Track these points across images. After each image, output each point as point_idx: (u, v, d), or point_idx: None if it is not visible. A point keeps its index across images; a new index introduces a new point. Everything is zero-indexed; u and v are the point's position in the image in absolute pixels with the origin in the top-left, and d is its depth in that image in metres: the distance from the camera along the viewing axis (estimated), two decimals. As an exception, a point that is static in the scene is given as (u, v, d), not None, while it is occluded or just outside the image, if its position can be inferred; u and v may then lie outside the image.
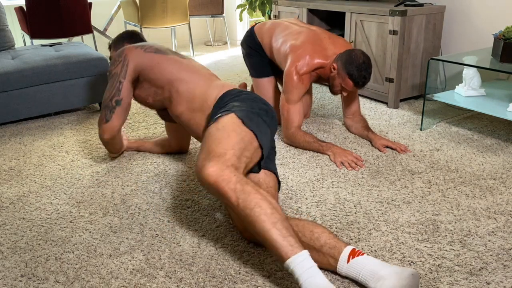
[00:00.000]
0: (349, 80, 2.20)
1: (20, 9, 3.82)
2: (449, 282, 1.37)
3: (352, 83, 2.21)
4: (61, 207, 1.88)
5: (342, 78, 2.22)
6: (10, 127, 2.86)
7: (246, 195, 1.30)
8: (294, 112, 2.37)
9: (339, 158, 2.20)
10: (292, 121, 2.38)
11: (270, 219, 1.27)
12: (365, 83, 2.22)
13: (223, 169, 1.34)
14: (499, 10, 2.82)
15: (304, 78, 2.33)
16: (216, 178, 1.32)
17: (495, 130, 2.55)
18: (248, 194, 1.30)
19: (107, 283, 1.42)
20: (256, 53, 2.67)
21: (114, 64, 1.95)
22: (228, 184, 1.32)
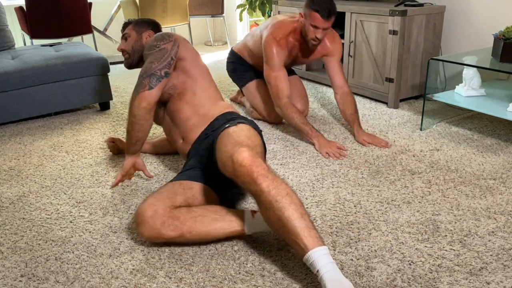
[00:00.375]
0: (314, 14, 2.32)
1: (20, 9, 3.82)
2: (449, 282, 1.37)
3: (318, 16, 2.31)
4: (61, 207, 1.88)
5: (309, 17, 2.34)
6: (10, 127, 2.86)
7: (278, 183, 1.36)
8: (281, 79, 2.45)
9: (324, 149, 2.32)
10: (281, 88, 2.45)
11: (299, 209, 1.33)
12: (331, 14, 2.32)
13: (256, 157, 1.43)
14: (499, 10, 2.82)
15: (282, 42, 2.45)
16: (251, 162, 1.40)
17: (495, 130, 2.55)
18: (280, 183, 1.37)
19: (107, 283, 1.42)
20: (239, 64, 2.84)
21: (163, 41, 1.82)
22: (261, 170, 1.38)
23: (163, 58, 1.79)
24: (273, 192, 1.34)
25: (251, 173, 1.38)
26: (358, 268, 1.45)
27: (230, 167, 1.45)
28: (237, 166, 1.41)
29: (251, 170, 1.38)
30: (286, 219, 1.30)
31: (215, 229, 1.49)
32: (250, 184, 1.39)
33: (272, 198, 1.33)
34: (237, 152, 1.44)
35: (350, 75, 3.25)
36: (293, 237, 1.29)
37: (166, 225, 1.48)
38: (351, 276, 1.41)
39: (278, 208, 1.32)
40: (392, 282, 1.38)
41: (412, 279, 1.39)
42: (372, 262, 1.47)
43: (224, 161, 1.49)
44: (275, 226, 1.35)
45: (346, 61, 3.25)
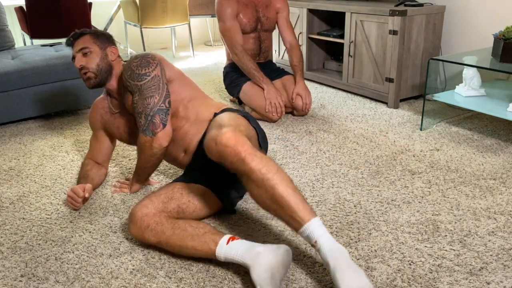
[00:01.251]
0: None
1: (20, 9, 3.82)
2: (449, 282, 1.37)
3: None
4: (61, 207, 1.88)
5: None
6: (10, 127, 2.86)
7: (267, 161, 1.37)
8: (234, 30, 2.74)
9: (271, 96, 2.66)
10: (235, 38, 2.75)
11: (290, 185, 1.34)
12: None
13: (240, 136, 1.41)
14: (499, 10, 2.82)
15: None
16: (235, 141, 1.38)
17: (495, 130, 2.55)
18: (269, 160, 1.38)
19: (107, 283, 1.42)
20: (231, 71, 2.94)
21: (149, 66, 1.70)
22: (248, 149, 1.37)
23: (160, 88, 1.70)
24: (263, 170, 1.34)
25: (238, 153, 1.36)
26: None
27: (215, 150, 1.41)
28: (222, 147, 1.38)
29: (237, 150, 1.36)
30: (280, 195, 1.31)
31: (187, 247, 1.45)
32: (238, 164, 1.36)
33: (264, 176, 1.33)
34: (220, 133, 1.41)
35: (350, 75, 3.25)
36: (288, 212, 1.31)
37: (149, 229, 1.50)
38: (351, 276, 1.41)
39: (270, 185, 1.32)
40: (392, 282, 1.38)
41: (412, 279, 1.39)
42: (372, 262, 1.47)
43: (209, 145, 1.45)
44: (267, 203, 1.35)
45: (346, 61, 3.25)
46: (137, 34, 5.03)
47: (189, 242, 1.45)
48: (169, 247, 1.49)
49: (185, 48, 5.38)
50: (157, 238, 1.50)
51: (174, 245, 1.48)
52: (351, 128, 2.64)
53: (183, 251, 1.47)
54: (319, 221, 1.31)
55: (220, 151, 1.40)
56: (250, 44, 2.89)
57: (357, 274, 1.21)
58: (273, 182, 1.32)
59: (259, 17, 2.86)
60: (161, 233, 1.49)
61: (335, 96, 3.27)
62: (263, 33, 2.92)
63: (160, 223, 1.50)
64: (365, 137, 2.51)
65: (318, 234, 1.28)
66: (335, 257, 1.25)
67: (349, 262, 1.24)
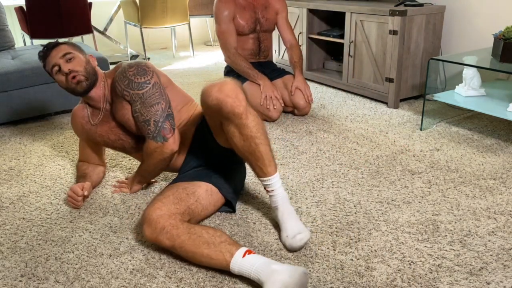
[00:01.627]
0: None
1: (20, 9, 3.82)
2: (449, 282, 1.37)
3: None
4: (61, 207, 1.88)
5: None
6: (10, 127, 2.86)
7: (258, 121, 1.54)
8: (229, 32, 2.79)
9: (267, 91, 2.72)
10: (229, 41, 2.80)
11: (268, 143, 1.57)
12: None
13: (241, 91, 1.52)
14: (499, 10, 2.82)
15: (226, 0, 2.77)
16: (236, 94, 1.49)
17: (495, 130, 2.55)
18: (260, 121, 1.55)
19: (107, 283, 1.42)
20: (231, 68, 2.95)
21: (147, 74, 1.71)
22: (245, 105, 1.50)
23: (163, 94, 1.73)
24: (254, 129, 1.51)
25: (237, 106, 1.47)
26: (358, 268, 1.45)
27: (215, 97, 1.47)
28: (223, 96, 1.46)
29: (237, 103, 1.47)
30: (259, 151, 1.52)
31: (202, 255, 1.42)
32: (233, 116, 1.48)
33: (254, 134, 1.51)
34: (224, 83, 1.49)
35: (350, 75, 3.25)
36: (259, 164, 1.54)
37: (165, 232, 1.46)
38: (351, 276, 1.41)
39: (255, 143, 1.51)
40: (392, 282, 1.38)
41: (412, 279, 1.39)
42: (372, 262, 1.47)
43: (209, 91, 1.49)
44: (245, 152, 1.53)
45: (346, 61, 3.25)
46: (137, 34, 5.03)
47: (205, 250, 1.41)
48: (182, 251, 1.45)
49: (185, 48, 5.38)
50: (171, 241, 1.46)
51: (188, 251, 1.44)
52: (351, 128, 2.64)
53: (196, 258, 1.44)
54: (279, 176, 1.60)
55: (220, 98, 1.47)
56: (249, 44, 2.90)
57: (298, 220, 1.59)
58: (258, 141, 1.52)
59: (258, 19, 2.87)
60: (176, 237, 1.45)
61: (335, 96, 3.27)
62: (263, 34, 2.92)
63: (176, 226, 1.47)
64: (365, 137, 2.51)
65: (277, 187, 1.59)
66: (283, 204, 1.60)
67: (293, 210, 1.61)
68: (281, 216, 1.59)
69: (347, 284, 1.37)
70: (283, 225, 1.57)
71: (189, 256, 1.45)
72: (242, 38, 2.87)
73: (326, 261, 1.48)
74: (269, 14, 2.90)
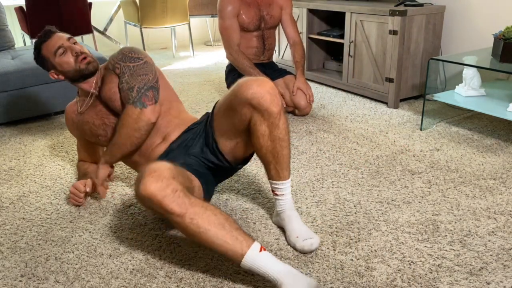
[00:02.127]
0: None
1: (20, 9, 3.82)
2: (449, 282, 1.37)
3: None
4: (61, 207, 1.88)
5: None
6: (10, 127, 2.86)
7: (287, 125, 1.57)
8: (232, 29, 2.78)
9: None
10: (232, 37, 2.79)
11: (290, 148, 1.62)
12: None
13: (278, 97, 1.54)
14: (499, 10, 2.82)
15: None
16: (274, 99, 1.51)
17: (495, 130, 2.55)
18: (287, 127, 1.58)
19: (107, 283, 1.42)
20: (232, 68, 2.94)
21: (141, 53, 1.75)
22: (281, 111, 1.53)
23: (153, 71, 1.74)
24: (284, 131, 1.54)
25: (276, 104, 1.48)
26: (358, 268, 1.45)
27: (256, 92, 1.46)
28: (264, 91, 1.46)
29: (276, 102, 1.48)
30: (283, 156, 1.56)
31: (217, 235, 1.26)
32: (270, 115, 1.48)
33: (282, 136, 1.54)
34: (264, 80, 1.50)
35: (350, 75, 3.25)
36: (278, 167, 1.58)
37: (177, 195, 1.26)
38: (351, 276, 1.41)
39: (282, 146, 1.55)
40: (392, 282, 1.38)
41: (412, 279, 1.39)
42: (372, 262, 1.47)
43: (250, 92, 1.47)
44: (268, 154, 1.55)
45: (346, 61, 3.25)
46: (137, 34, 5.03)
47: (221, 231, 1.26)
48: (192, 226, 1.26)
49: (185, 48, 5.38)
50: (181, 209, 1.25)
51: (201, 226, 1.26)
52: (351, 128, 2.64)
53: (208, 238, 1.27)
54: (290, 182, 1.63)
55: (261, 92, 1.46)
56: (253, 42, 2.89)
57: (305, 226, 1.61)
58: (284, 144, 1.54)
59: (263, 16, 2.85)
60: (190, 205, 1.26)
61: (335, 96, 3.27)
62: (267, 31, 2.91)
63: (188, 196, 1.28)
64: (365, 137, 2.51)
65: (287, 191, 1.61)
66: (291, 209, 1.63)
67: (299, 216, 1.63)
68: (288, 219, 1.61)
69: (347, 284, 1.37)
70: (291, 226, 1.59)
71: (200, 232, 1.27)
72: (246, 36, 2.85)
73: (326, 261, 1.48)
74: (273, 11, 2.88)
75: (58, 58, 1.74)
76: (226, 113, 1.59)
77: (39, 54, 1.78)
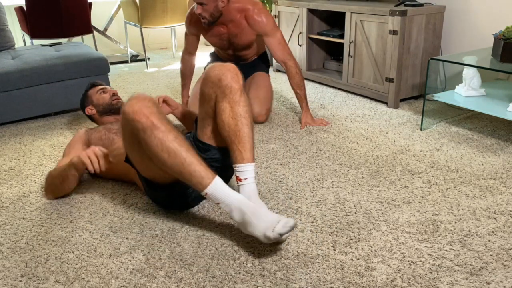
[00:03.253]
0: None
1: (20, 9, 3.82)
2: (449, 282, 1.37)
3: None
4: (61, 207, 1.88)
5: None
6: (10, 127, 2.86)
7: (248, 103, 1.68)
8: (187, 41, 2.84)
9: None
10: (186, 46, 2.87)
11: (253, 129, 1.66)
12: None
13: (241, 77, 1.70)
14: (499, 10, 2.82)
15: (192, 19, 2.72)
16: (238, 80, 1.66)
17: (495, 130, 2.55)
18: (250, 104, 1.69)
19: (107, 283, 1.42)
20: (211, 56, 3.05)
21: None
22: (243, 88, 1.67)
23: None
24: (245, 108, 1.63)
25: (236, 82, 1.62)
26: (358, 268, 1.45)
27: (217, 70, 1.63)
28: (225, 70, 1.62)
29: (236, 79, 1.62)
30: (244, 133, 1.60)
31: (185, 157, 1.46)
32: (230, 92, 1.60)
33: (243, 114, 1.61)
34: (227, 63, 1.65)
35: (350, 75, 3.25)
36: (240, 147, 1.60)
37: (154, 114, 1.47)
38: (351, 276, 1.41)
39: (243, 123, 1.60)
40: (392, 282, 1.38)
41: (412, 279, 1.39)
42: (372, 262, 1.47)
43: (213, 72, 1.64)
44: (230, 132, 1.59)
45: (346, 61, 3.25)
46: (137, 34, 5.03)
47: (189, 155, 1.47)
48: (163, 148, 1.46)
49: (185, 48, 5.38)
50: (160, 122, 1.46)
51: (170, 147, 1.46)
52: (351, 128, 2.64)
53: (176, 157, 1.46)
54: (254, 168, 1.63)
55: (222, 71, 1.61)
56: (227, 55, 2.87)
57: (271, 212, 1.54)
58: (245, 121, 1.60)
59: (232, 43, 2.71)
60: (161, 125, 1.46)
61: (335, 96, 3.27)
62: (239, 52, 2.80)
63: (165, 122, 1.49)
64: (365, 137, 2.51)
65: (250, 176, 1.58)
66: (255, 196, 1.57)
67: (264, 204, 1.57)
68: (253, 209, 1.46)
69: (347, 284, 1.37)
70: (259, 217, 1.44)
71: (169, 157, 1.46)
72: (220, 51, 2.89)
73: (326, 261, 1.48)
74: (242, 39, 2.67)
75: (98, 95, 2.26)
76: (200, 102, 1.73)
77: (86, 93, 2.31)
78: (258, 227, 1.42)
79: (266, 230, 1.40)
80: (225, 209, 1.49)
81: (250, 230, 1.45)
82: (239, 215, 1.46)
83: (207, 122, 1.72)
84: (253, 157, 1.60)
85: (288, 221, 1.42)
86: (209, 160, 1.72)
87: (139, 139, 1.49)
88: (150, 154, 1.49)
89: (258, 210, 1.45)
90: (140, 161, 1.62)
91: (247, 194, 1.57)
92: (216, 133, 1.72)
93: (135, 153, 1.61)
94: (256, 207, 1.46)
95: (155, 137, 1.46)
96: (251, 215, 1.43)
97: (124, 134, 1.58)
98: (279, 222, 1.41)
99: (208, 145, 1.75)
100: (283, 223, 1.41)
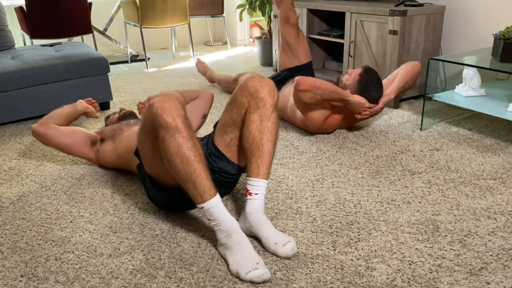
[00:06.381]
0: None
1: (20, 9, 3.82)
2: (449, 282, 1.37)
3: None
4: (61, 207, 1.88)
5: None
6: (10, 127, 2.86)
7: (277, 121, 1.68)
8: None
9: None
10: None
11: (274, 148, 1.67)
12: None
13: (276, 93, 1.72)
14: (499, 10, 2.82)
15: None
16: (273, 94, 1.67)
17: (495, 130, 2.55)
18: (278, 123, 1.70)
19: (107, 283, 1.42)
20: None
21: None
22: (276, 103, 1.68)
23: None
24: (274, 125, 1.64)
25: (272, 97, 1.63)
26: (358, 268, 1.45)
27: (256, 83, 1.63)
28: (263, 84, 1.63)
29: (273, 95, 1.64)
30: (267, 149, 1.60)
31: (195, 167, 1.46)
32: (264, 106, 1.62)
33: (271, 130, 1.62)
34: (266, 78, 1.67)
35: (350, 75, 3.25)
36: (259, 162, 1.59)
37: (185, 118, 1.50)
38: (351, 276, 1.41)
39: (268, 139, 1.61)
40: (392, 282, 1.38)
41: (412, 279, 1.39)
42: (372, 262, 1.47)
43: (251, 83, 1.64)
44: (253, 145, 1.59)
45: (346, 61, 3.25)
46: (137, 34, 5.03)
47: (200, 168, 1.46)
48: (179, 152, 1.46)
49: (185, 48, 5.38)
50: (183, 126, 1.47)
51: (187, 155, 1.45)
52: (351, 128, 2.64)
53: (187, 169, 1.46)
54: (267, 184, 1.65)
55: (261, 84, 1.62)
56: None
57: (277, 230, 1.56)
58: (271, 138, 1.60)
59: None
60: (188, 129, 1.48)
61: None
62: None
63: (188, 128, 1.50)
64: (365, 137, 2.51)
65: (261, 192, 1.57)
66: (262, 212, 1.57)
67: (269, 221, 1.57)
68: (259, 223, 1.54)
69: (347, 284, 1.37)
70: (265, 232, 1.53)
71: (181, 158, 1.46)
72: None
73: (326, 261, 1.48)
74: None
75: (113, 116, 2.37)
76: (228, 107, 1.71)
77: (107, 119, 2.42)
78: (235, 259, 1.42)
79: (240, 269, 1.39)
80: (214, 227, 1.49)
81: (227, 255, 1.46)
82: (225, 238, 1.47)
83: (230, 129, 1.70)
84: (268, 174, 1.60)
85: (265, 273, 1.37)
86: (216, 169, 1.72)
87: (157, 135, 1.49)
88: (163, 153, 1.49)
89: (243, 243, 1.44)
90: (150, 156, 1.63)
91: (254, 209, 1.56)
92: (235, 146, 1.71)
93: (147, 147, 1.61)
94: (243, 238, 1.46)
95: (175, 140, 1.46)
96: (235, 244, 1.44)
97: (144, 126, 1.58)
98: (256, 269, 1.37)
99: (222, 154, 1.73)
100: (259, 273, 1.37)
